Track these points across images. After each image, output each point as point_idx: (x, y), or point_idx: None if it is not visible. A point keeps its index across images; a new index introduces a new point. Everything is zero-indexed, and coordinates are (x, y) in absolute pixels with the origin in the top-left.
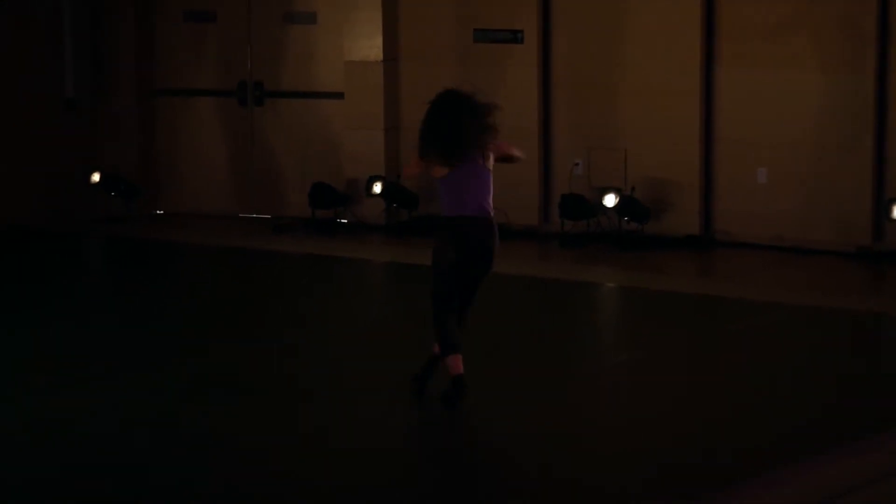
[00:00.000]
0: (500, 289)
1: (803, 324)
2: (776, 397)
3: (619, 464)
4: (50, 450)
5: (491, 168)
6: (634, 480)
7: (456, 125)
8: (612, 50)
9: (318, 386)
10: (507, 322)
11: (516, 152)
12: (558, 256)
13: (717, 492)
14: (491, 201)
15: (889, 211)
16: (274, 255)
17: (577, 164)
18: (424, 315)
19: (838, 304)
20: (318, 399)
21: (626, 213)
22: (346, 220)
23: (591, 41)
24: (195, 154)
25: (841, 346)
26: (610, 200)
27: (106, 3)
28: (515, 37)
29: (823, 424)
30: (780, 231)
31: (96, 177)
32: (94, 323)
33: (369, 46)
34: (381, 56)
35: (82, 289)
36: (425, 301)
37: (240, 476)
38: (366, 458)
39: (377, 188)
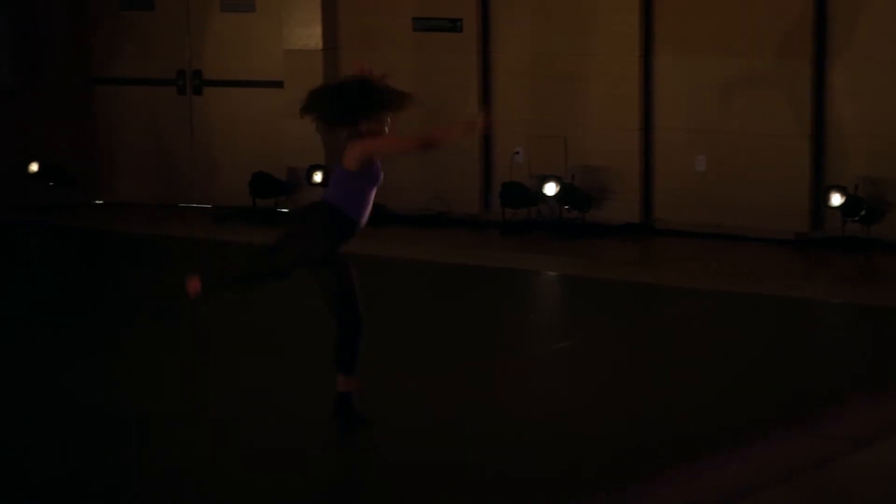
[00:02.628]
0: (442, 277)
1: (738, 311)
2: (707, 385)
3: (553, 452)
4: None
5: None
6: (574, 466)
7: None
8: (551, 38)
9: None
10: (447, 310)
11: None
12: (499, 245)
13: (640, 482)
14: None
15: (827, 198)
16: (214, 245)
17: (517, 153)
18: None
19: (774, 292)
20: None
21: (566, 201)
22: (287, 210)
23: (530, 29)
24: (134, 143)
25: (772, 332)
26: (550, 189)
27: None
28: (455, 25)
29: (749, 413)
30: (718, 219)
31: (34, 166)
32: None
33: (308, 35)
34: (320, 45)
35: (12, 280)
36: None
37: None
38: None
39: (318, 177)
